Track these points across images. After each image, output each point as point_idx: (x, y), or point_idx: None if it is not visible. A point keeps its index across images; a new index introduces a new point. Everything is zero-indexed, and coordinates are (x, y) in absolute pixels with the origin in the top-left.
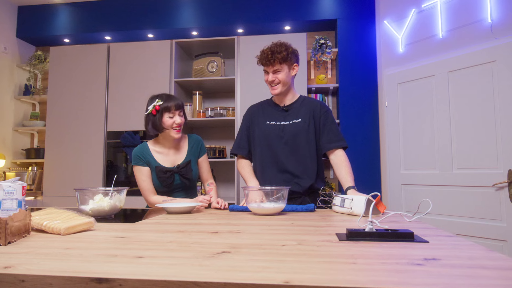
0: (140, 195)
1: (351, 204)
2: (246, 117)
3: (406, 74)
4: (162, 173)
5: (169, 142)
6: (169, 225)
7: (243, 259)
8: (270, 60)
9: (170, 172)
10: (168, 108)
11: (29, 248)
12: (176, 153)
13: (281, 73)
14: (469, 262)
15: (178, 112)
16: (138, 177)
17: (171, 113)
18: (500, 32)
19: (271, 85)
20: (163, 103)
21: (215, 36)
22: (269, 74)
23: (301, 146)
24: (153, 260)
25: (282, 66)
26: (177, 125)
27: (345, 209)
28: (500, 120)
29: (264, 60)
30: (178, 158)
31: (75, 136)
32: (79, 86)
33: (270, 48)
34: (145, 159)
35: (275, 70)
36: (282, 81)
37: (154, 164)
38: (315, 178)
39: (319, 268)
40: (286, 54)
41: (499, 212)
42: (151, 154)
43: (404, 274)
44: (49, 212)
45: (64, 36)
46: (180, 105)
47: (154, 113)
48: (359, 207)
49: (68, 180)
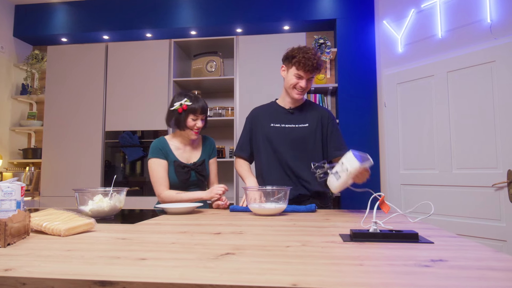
0: (140, 195)
1: (344, 167)
2: (249, 119)
3: (405, 74)
4: (180, 168)
5: (186, 140)
6: (170, 226)
7: (248, 261)
8: (315, 70)
9: (187, 168)
10: (194, 110)
11: (29, 250)
12: (192, 151)
13: (311, 81)
14: (476, 264)
15: (201, 116)
16: (155, 169)
17: (195, 116)
18: (500, 32)
19: (299, 90)
20: (191, 104)
21: (213, 35)
22: (303, 80)
23: (308, 151)
24: (156, 262)
25: (314, 75)
26: (198, 128)
27: (343, 178)
28: (500, 120)
29: (309, 67)
30: (193, 156)
31: (73, 136)
32: (77, 86)
33: (314, 56)
34: (164, 152)
35: (310, 78)
36: (308, 89)
37: (173, 158)
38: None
39: (326, 270)
40: (320, 65)
41: (499, 212)
42: (170, 149)
43: (412, 276)
44: (48, 213)
45: (61, 35)
46: (205, 109)
47: (180, 111)
48: (352, 162)
49: (65, 180)
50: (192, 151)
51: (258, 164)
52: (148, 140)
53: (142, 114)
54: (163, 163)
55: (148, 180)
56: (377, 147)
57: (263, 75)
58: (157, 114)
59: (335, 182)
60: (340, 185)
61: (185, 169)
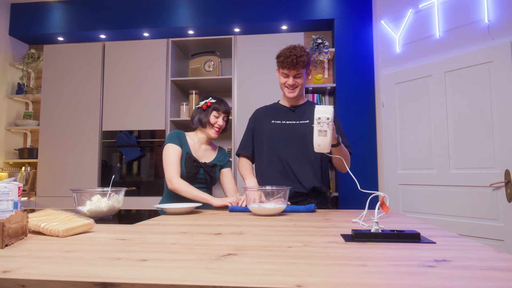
0: (138, 196)
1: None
2: (252, 119)
3: (403, 74)
4: (191, 161)
5: (204, 139)
6: (170, 226)
7: (250, 262)
8: (296, 66)
9: (197, 163)
10: (217, 109)
11: (28, 251)
12: (206, 152)
13: (301, 77)
14: (480, 264)
15: (223, 116)
16: (170, 153)
17: (218, 113)
18: (497, 33)
19: (290, 88)
20: (215, 103)
21: (211, 35)
22: (290, 78)
23: (308, 147)
24: (158, 263)
25: (302, 71)
26: (219, 126)
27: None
28: (497, 120)
29: (289, 64)
30: (205, 158)
31: (70, 135)
32: (74, 85)
33: (293, 52)
34: (180, 141)
35: (297, 75)
36: (301, 85)
37: (186, 149)
38: (320, 180)
39: (330, 271)
40: (307, 59)
41: (496, 212)
42: (186, 141)
43: (417, 276)
44: (46, 213)
45: (58, 34)
46: (227, 111)
47: (204, 108)
48: (325, 109)
49: (62, 180)
50: (206, 153)
51: (259, 161)
52: (145, 140)
53: (140, 114)
54: (178, 150)
55: (145, 180)
56: (375, 147)
57: (261, 75)
58: (154, 114)
59: (326, 139)
60: (330, 139)
61: (195, 163)
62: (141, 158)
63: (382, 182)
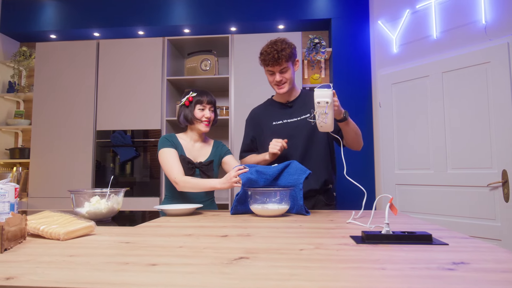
0: (130, 196)
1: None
2: (249, 121)
3: (401, 74)
4: (185, 163)
5: (196, 137)
6: (173, 228)
7: (265, 266)
8: (278, 60)
9: (191, 165)
10: (200, 101)
11: (29, 256)
12: (201, 150)
13: (288, 71)
14: (499, 266)
15: (209, 107)
16: (166, 158)
17: (202, 106)
18: (494, 34)
19: (278, 85)
20: (196, 96)
21: (207, 34)
22: (276, 74)
23: (314, 141)
24: (168, 268)
25: (288, 64)
26: (207, 119)
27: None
28: (495, 121)
29: (270, 60)
30: (200, 156)
31: (63, 135)
32: (67, 84)
33: (274, 47)
34: (173, 143)
35: (282, 69)
36: (289, 79)
37: (180, 152)
38: (330, 173)
39: (349, 275)
40: (291, 51)
41: (494, 211)
42: (179, 143)
43: (439, 280)
44: (45, 215)
45: (50, 31)
46: (211, 101)
47: (187, 104)
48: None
49: (55, 181)
50: (201, 151)
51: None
52: (140, 139)
53: (135, 113)
54: (173, 151)
55: (139, 181)
56: (372, 147)
57: (259, 75)
58: (150, 113)
59: (328, 118)
60: (332, 118)
61: (189, 165)
62: (136, 158)
63: (379, 182)
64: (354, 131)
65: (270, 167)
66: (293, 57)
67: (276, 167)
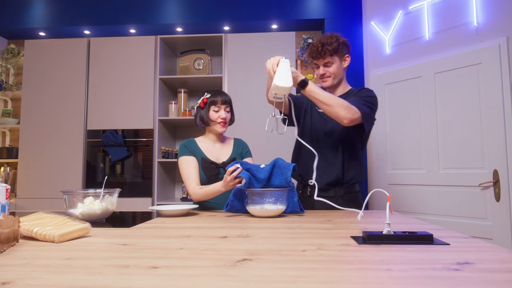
0: (122, 197)
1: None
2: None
3: (393, 75)
4: (207, 164)
5: (215, 138)
6: (170, 229)
7: (270, 268)
8: (321, 53)
9: (214, 165)
10: (214, 102)
11: (24, 259)
12: (221, 150)
13: (332, 65)
14: (504, 266)
15: (224, 107)
16: (184, 167)
17: (217, 107)
18: (486, 35)
19: (321, 78)
20: (211, 97)
21: (200, 33)
22: (320, 67)
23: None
24: (171, 271)
25: (333, 58)
26: (222, 119)
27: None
28: (486, 121)
29: (314, 53)
30: (222, 155)
31: (52, 134)
32: (57, 82)
33: (320, 40)
34: (191, 150)
35: (326, 63)
36: (333, 74)
37: (200, 155)
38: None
39: (356, 276)
40: (337, 45)
41: (485, 211)
42: (198, 147)
43: (447, 281)
44: (38, 217)
45: (39, 29)
46: (226, 101)
47: (202, 106)
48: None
49: (44, 181)
50: (222, 150)
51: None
52: (130, 139)
53: (127, 112)
54: (191, 159)
55: (129, 181)
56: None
57: (252, 74)
58: (142, 112)
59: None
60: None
61: (212, 165)
62: (128, 158)
63: (371, 182)
64: (320, 100)
65: (261, 170)
66: (341, 52)
67: (266, 169)
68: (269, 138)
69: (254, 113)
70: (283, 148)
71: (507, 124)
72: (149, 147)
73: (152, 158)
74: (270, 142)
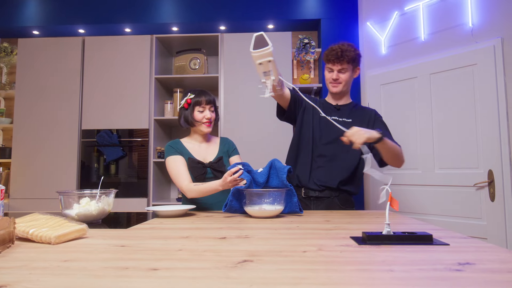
0: (123, 197)
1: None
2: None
3: (389, 75)
4: (195, 164)
5: (200, 138)
6: (168, 230)
7: (271, 269)
8: (340, 58)
9: (201, 164)
10: (198, 102)
11: (20, 261)
12: (208, 149)
13: (346, 73)
14: (505, 266)
15: (209, 107)
16: (172, 166)
17: (202, 107)
18: (481, 36)
19: (332, 83)
20: (194, 97)
21: (196, 32)
22: (334, 72)
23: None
24: (171, 273)
25: (348, 66)
26: (207, 119)
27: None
28: (481, 122)
29: (333, 57)
30: (209, 155)
31: (46, 134)
32: (51, 81)
33: (340, 46)
34: (178, 150)
35: (341, 69)
36: (344, 81)
37: (187, 155)
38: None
39: (359, 278)
40: (355, 55)
41: (480, 210)
42: (185, 147)
43: (449, 281)
44: (34, 218)
45: (33, 27)
46: (211, 100)
47: (186, 106)
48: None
49: (38, 181)
50: (208, 150)
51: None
52: (125, 139)
53: (122, 112)
54: (179, 158)
55: (124, 181)
56: None
57: (249, 74)
58: (138, 112)
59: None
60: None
61: (199, 165)
62: (123, 158)
63: (367, 182)
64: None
65: (259, 174)
66: (355, 62)
67: (264, 172)
68: (265, 138)
69: (250, 113)
70: (280, 147)
71: (502, 124)
72: (145, 147)
73: (147, 158)
74: (267, 141)
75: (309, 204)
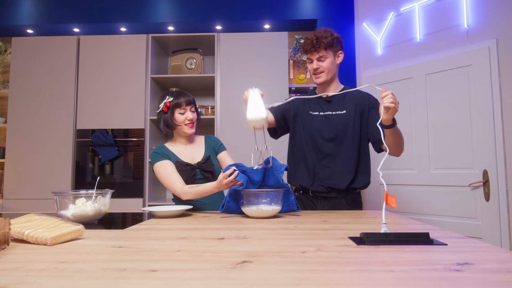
0: (119, 197)
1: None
2: (289, 102)
3: (385, 75)
4: (183, 167)
5: (185, 140)
6: (165, 230)
7: (271, 270)
8: (315, 46)
9: (189, 166)
10: (178, 104)
11: (17, 263)
12: (194, 150)
13: (326, 60)
14: (504, 266)
15: (190, 108)
16: (161, 171)
17: (182, 109)
18: (476, 37)
19: (315, 74)
20: (173, 100)
21: (192, 32)
22: (313, 61)
23: (345, 139)
24: (170, 274)
25: (327, 53)
26: (189, 121)
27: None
28: (476, 122)
29: (309, 46)
30: (196, 156)
31: (41, 134)
32: (45, 80)
33: (315, 33)
34: (164, 154)
35: (319, 57)
36: (327, 69)
37: (174, 159)
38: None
39: (359, 278)
40: (332, 40)
41: (475, 210)
42: (170, 151)
43: (450, 282)
44: (29, 219)
45: (27, 26)
46: (191, 101)
47: (165, 110)
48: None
49: (32, 182)
50: (194, 150)
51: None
52: (121, 139)
53: (118, 112)
54: (167, 162)
55: (119, 181)
56: None
57: (245, 74)
58: (133, 112)
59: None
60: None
61: (187, 167)
62: (118, 158)
63: None
64: (400, 136)
65: (255, 171)
66: (335, 47)
67: (260, 170)
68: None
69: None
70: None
71: (497, 125)
72: (140, 147)
73: (143, 158)
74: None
75: (316, 203)
